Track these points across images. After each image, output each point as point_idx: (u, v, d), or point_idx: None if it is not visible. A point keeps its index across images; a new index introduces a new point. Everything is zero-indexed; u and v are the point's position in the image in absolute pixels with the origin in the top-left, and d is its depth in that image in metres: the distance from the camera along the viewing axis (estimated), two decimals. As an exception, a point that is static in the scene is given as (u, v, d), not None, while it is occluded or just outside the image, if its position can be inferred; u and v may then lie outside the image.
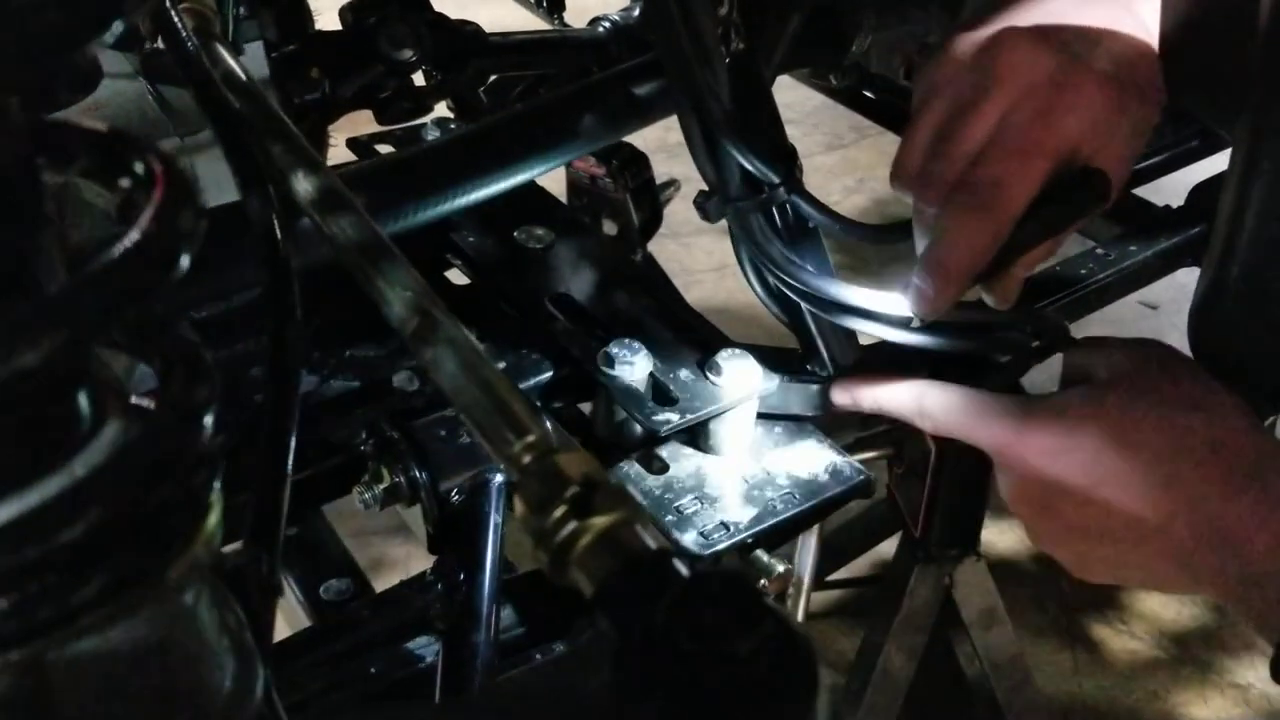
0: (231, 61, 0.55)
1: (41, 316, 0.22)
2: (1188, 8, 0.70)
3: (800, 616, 0.92)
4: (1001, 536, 1.66)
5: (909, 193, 0.72)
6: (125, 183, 0.27)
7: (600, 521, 0.35)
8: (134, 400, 0.30)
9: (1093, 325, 1.37)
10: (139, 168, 0.27)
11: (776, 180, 0.72)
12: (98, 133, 0.29)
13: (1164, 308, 1.98)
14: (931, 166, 0.69)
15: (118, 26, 0.23)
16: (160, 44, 0.60)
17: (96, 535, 0.26)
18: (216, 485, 0.29)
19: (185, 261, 0.25)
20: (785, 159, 0.73)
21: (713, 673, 0.30)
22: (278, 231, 0.45)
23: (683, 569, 0.33)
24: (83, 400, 0.27)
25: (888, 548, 1.04)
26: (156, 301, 0.25)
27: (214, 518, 0.28)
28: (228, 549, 0.37)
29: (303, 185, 0.47)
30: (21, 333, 0.22)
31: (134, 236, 0.24)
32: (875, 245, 0.80)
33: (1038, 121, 0.66)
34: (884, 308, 0.73)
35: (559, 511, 0.35)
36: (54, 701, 0.27)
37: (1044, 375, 0.83)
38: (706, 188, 0.76)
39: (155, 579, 0.27)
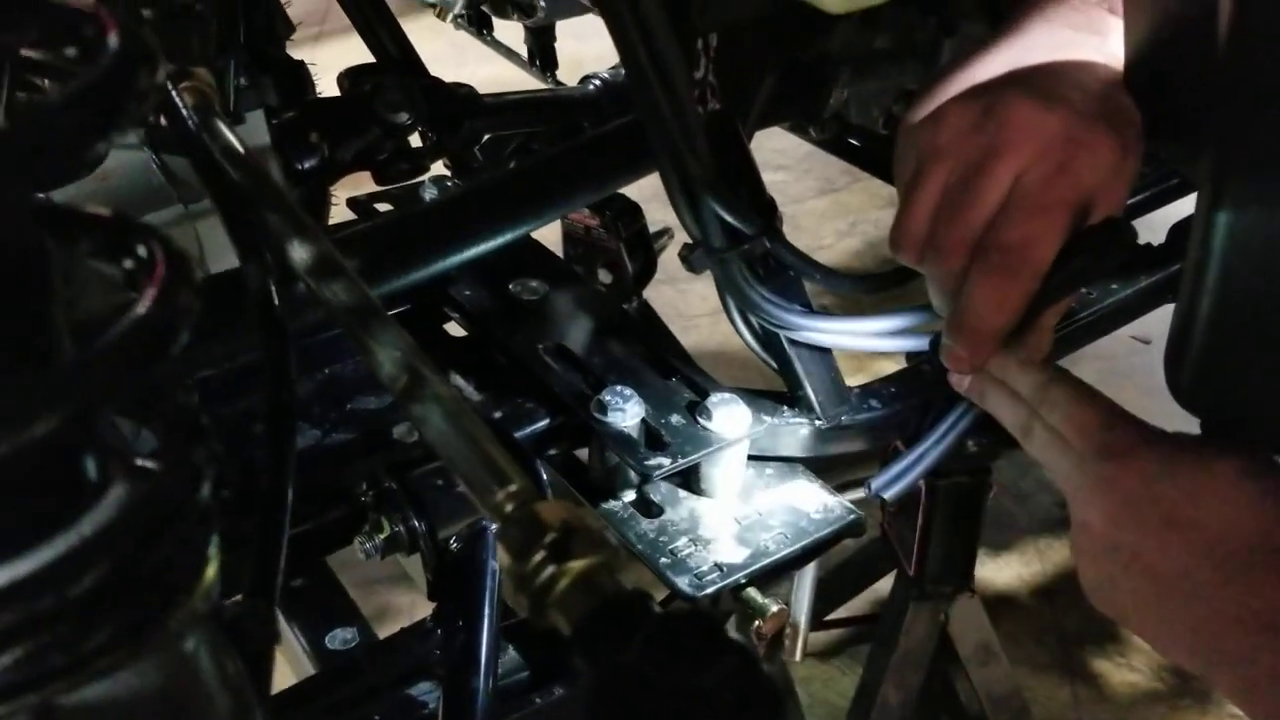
0: (230, 135, 0.58)
1: (51, 390, 0.24)
2: (1147, 44, 0.71)
3: (798, 657, 0.93)
4: (1000, 572, 1.66)
5: (915, 260, 0.71)
6: (129, 264, 0.30)
7: (577, 565, 0.36)
8: (138, 462, 0.32)
9: (1084, 360, 1.39)
10: (141, 250, 0.30)
11: (756, 231, 0.74)
12: (103, 217, 0.31)
13: (1157, 343, 1.98)
14: (944, 232, 0.68)
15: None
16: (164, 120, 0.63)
17: (103, 588, 0.28)
18: (214, 540, 0.31)
19: (184, 337, 0.27)
20: (764, 210, 0.75)
21: (680, 706, 0.31)
22: (274, 297, 0.48)
23: (655, 608, 0.35)
24: (90, 464, 0.29)
25: (885, 585, 1.06)
26: (158, 373, 0.27)
27: (212, 570, 0.31)
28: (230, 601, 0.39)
29: (298, 252, 0.50)
30: (34, 405, 0.24)
31: (136, 315, 0.26)
32: (854, 296, 0.82)
33: (1055, 177, 0.65)
34: (856, 329, 0.76)
35: (538, 556, 0.37)
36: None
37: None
38: (691, 239, 0.79)
39: (157, 628, 0.29)
